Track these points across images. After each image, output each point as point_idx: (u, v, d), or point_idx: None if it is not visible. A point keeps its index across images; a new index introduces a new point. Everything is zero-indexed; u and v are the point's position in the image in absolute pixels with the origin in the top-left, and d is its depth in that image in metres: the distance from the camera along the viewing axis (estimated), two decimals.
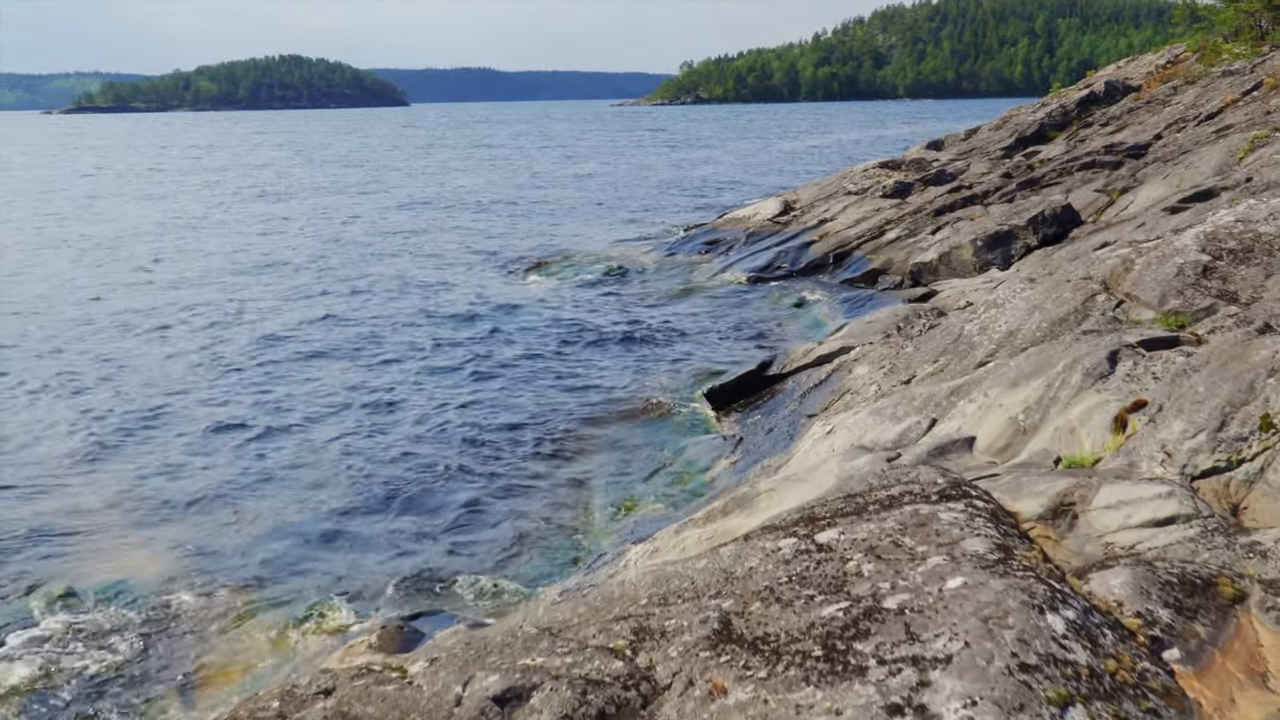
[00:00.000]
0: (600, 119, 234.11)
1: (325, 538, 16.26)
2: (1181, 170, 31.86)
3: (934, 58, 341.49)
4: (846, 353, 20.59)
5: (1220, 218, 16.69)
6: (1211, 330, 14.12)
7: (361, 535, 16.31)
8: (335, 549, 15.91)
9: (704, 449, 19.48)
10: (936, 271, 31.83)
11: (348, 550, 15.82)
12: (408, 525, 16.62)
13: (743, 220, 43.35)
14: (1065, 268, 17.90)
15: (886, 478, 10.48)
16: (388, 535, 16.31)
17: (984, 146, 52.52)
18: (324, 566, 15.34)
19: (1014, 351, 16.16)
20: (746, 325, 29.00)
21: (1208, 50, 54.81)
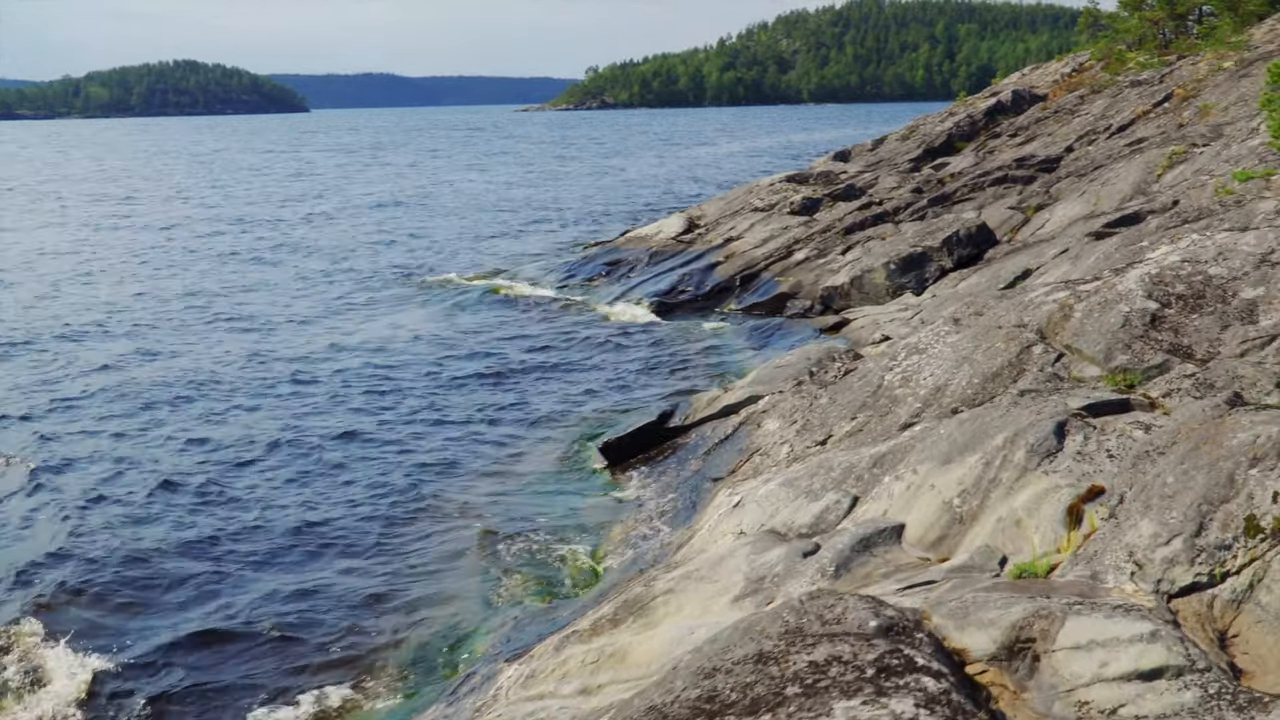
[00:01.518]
0: (504, 125, 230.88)
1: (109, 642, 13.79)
2: (1098, 187, 30.60)
3: (837, 63, 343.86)
4: (755, 402, 18.65)
5: (1164, 256, 15.04)
6: (1167, 393, 12.39)
7: (179, 628, 13.84)
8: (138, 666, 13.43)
9: (598, 514, 17.37)
10: (848, 296, 30.15)
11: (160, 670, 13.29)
12: (230, 621, 14.17)
13: (645, 239, 41.37)
14: (995, 310, 16.14)
15: (806, 615, 8.45)
16: (200, 638, 13.83)
17: (892, 158, 51.30)
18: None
19: (943, 412, 14.31)
20: (649, 360, 26.95)
21: (1113, 59, 54.24)
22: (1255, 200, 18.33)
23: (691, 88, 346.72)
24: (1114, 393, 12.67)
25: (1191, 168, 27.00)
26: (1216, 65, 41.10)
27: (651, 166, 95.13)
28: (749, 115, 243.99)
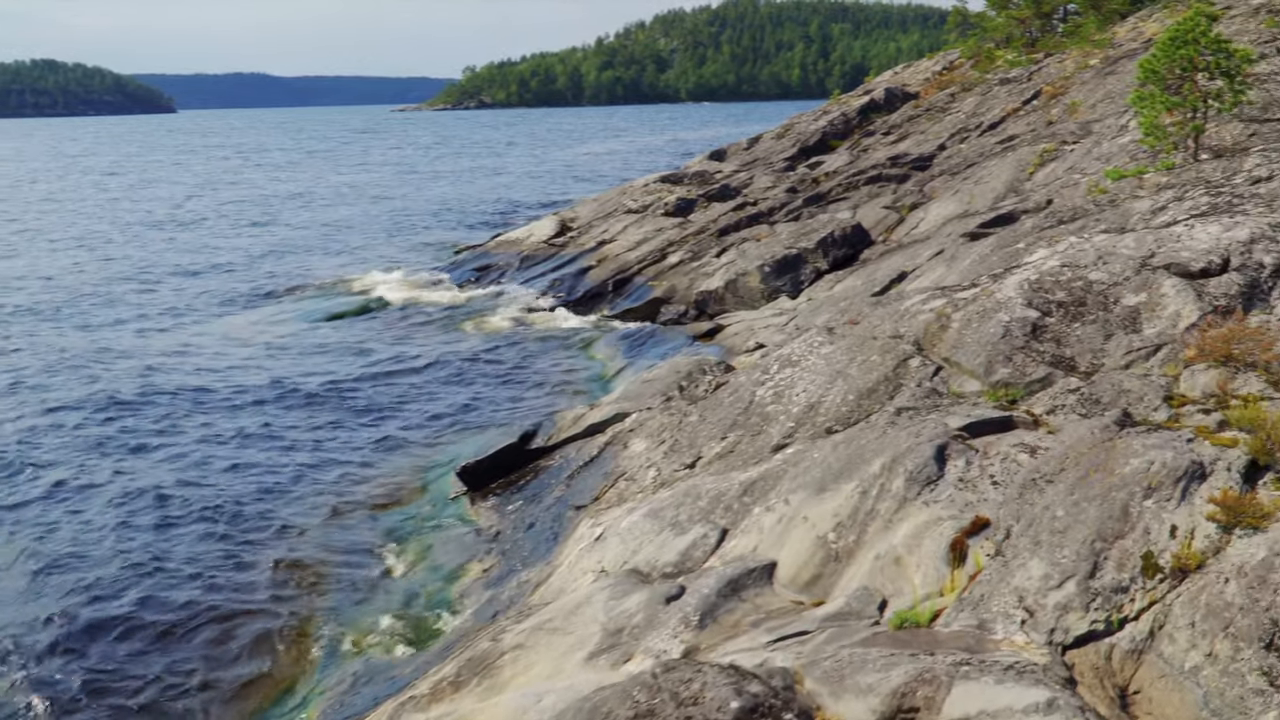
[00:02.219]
0: (379, 125, 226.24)
1: None
2: (971, 186, 30.23)
3: (714, 62, 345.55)
4: (622, 420, 17.51)
5: (1043, 261, 14.32)
6: (1051, 409, 11.58)
7: None
8: None
9: (454, 548, 16.03)
10: (723, 300, 29.25)
11: None
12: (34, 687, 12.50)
13: (517, 242, 40.00)
14: (871, 319, 15.27)
15: (660, 694, 7.34)
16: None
17: (767, 157, 50.73)
18: None
19: (816, 432, 13.35)
20: (516, 373, 25.65)
21: (982, 57, 54.56)
22: (1130, 200, 17.83)
23: (570, 87, 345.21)
24: (996, 409, 11.84)
25: (1063, 166, 26.71)
26: (1082, 63, 41.35)
27: (527, 167, 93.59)
28: (627, 114, 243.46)
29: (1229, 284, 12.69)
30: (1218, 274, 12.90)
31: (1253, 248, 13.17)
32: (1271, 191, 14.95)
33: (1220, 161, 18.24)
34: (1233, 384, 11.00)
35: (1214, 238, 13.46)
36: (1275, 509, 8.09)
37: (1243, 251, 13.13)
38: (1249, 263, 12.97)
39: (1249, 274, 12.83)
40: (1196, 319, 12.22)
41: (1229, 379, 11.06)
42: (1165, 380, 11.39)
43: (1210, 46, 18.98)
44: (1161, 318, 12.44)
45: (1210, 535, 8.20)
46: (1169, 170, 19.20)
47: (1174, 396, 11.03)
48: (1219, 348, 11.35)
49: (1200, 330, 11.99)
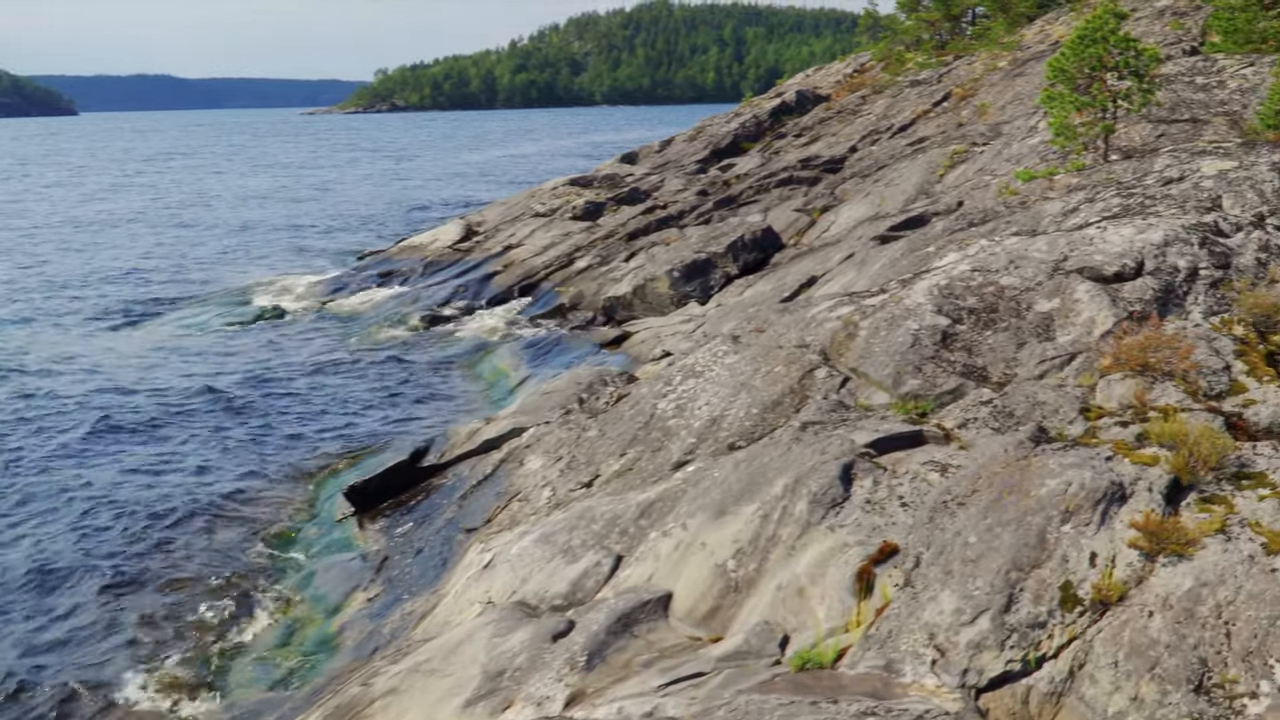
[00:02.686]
0: (288, 128, 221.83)
1: None
2: (882, 188, 29.83)
3: (629, 65, 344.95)
4: (518, 435, 16.60)
5: (953, 266, 13.72)
6: (963, 423, 10.94)
7: None
8: None
9: (338, 575, 15.00)
10: (631, 306, 28.46)
11: None
12: None
13: (421, 248, 38.84)
14: (777, 326, 14.56)
15: None
16: None
17: (679, 160, 50.09)
18: None
19: (719, 448, 12.58)
20: (415, 382, 24.61)
21: (892, 59, 54.56)
22: (1041, 201, 17.38)
23: (484, 90, 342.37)
24: (905, 423, 11.18)
25: (973, 167, 26.38)
26: (991, 65, 41.35)
27: (438, 170, 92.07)
28: (542, 117, 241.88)
29: (1144, 289, 12.18)
30: (1132, 278, 12.39)
31: (1167, 251, 12.69)
32: (1183, 193, 14.53)
33: (1130, 162, 17.88)
34: (1150, 394, 10.46)
35: (1127, 240, 12.96)
36: (1200, 534, 7.47)
37: (1157, 255, 12.64)
38: (1163, 266, 12.49)
39: (1164, 278, 12.34)
40: (1111, 326, 11.68)
41: (1146, 389, 10.52)
42: (1081, 391, 10.82)
43: (1119, 45, 18.63)
44: (1075, 324, 11.89)
45: (1132, 563, 7.57)
46: (1079, 171, 18.81)
47: (1090, 408, 10.45)
48: (1135, 356, 10.80)
49: (1116, 338, 11.44)
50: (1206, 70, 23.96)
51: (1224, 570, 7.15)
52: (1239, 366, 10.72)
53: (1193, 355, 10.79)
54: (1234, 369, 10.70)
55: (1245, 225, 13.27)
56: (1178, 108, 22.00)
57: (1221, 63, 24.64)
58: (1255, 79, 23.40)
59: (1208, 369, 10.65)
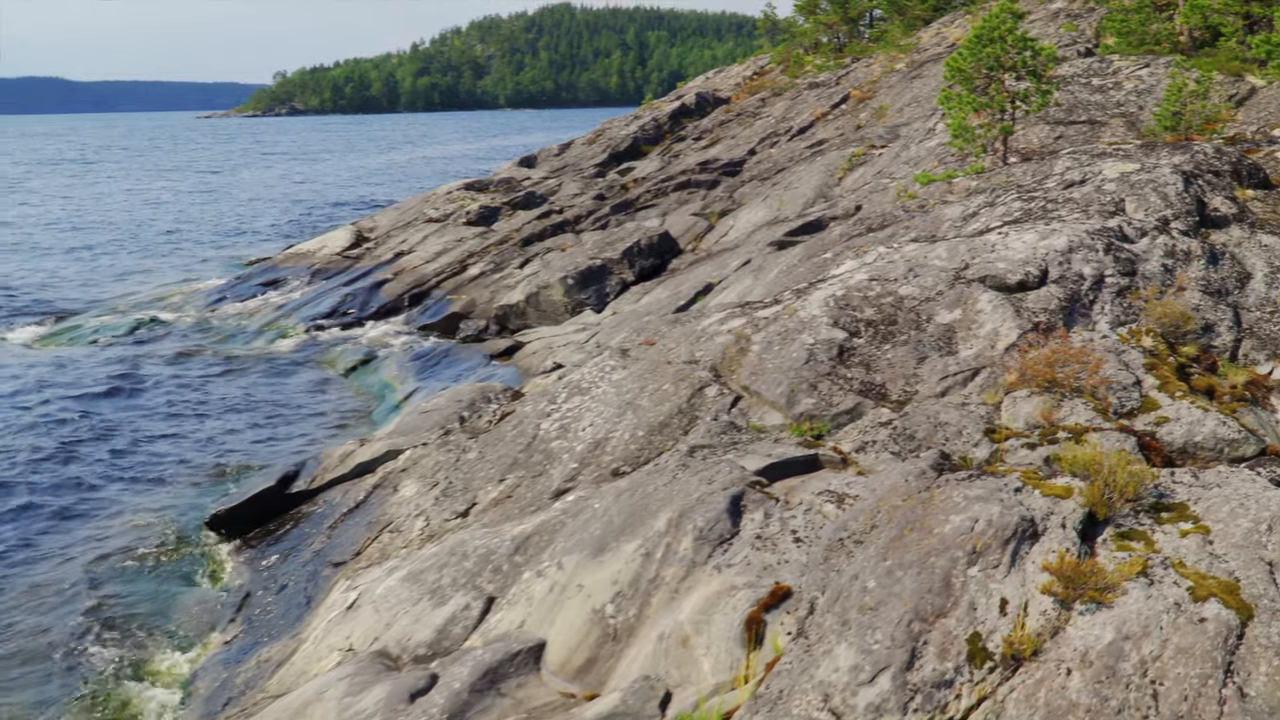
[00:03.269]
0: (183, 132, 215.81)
1: None
2: (781, 192, 29.20)
3: (532, 68, 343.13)
4: (395, 458, 15.49)
5: (850, 275, 12.96)
6: (861, 446, 10.15)
7: None
8: None
9: (195, 614, 13.76)
10: (525, 315, 27.41)
11: None
12: None
13: (308, 255, 37.29)
14: (666, 340, 13.68)
15: None
16: None
17: (577, 163, 49.11)
18: None
19: (602, 474, 11.64)
20: (295, 398, 23.27)
21: (791, 62, 54.30)
22: (939, 205, 16.76)
23: (386, 93, 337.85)
24: (800, 445, 10.35)
25: (872, 170, 25.87)
26: (889, 67, 41.13)
27: (335, 175, 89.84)
28: (444, 121, 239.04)
29: (1049, 298, 11.53)
30: (1036, 287, 11.73)
31: (1071, 257, 12.07)
32: (1086, 196, 13.97)
33: (1030, 164, 17.36)
34: (1058, 413, 9.77)
35: (1030, 247, 12.32)
36: (1120, 578, 6.71)
37: (1061, 262, 12.01)
38: (1068, 274, 11.86)
39: (1069, 286, 11.71)
40: (1016, 338, 10.99)
41: (1054, 407, 9.83)
42: (985, 410, 10.09)
43: (1017, 45, 18.13)
44: (979, 337, 11.18)
45: (1047, 612, 6.78)
46: (979, 174, 18.27)
47: (996, 429, 9.73)
48: (1041, 372, 10.11)
49: (1021, 351, 10.76)
50: (1102, 71, 23.71)
51: (1148, 620, 6.39)
52: (1150, 381, 10.09)
53: (1102, 370, 10.14)
54: (1145, 384, 10.07)
55: (1150, 230, 12.71)
56: (1075, 109, 21.66)
57: (1117, 64, 24.44)
58: (1151, 80, 23.20)
59: (1118, 384, 10.00)
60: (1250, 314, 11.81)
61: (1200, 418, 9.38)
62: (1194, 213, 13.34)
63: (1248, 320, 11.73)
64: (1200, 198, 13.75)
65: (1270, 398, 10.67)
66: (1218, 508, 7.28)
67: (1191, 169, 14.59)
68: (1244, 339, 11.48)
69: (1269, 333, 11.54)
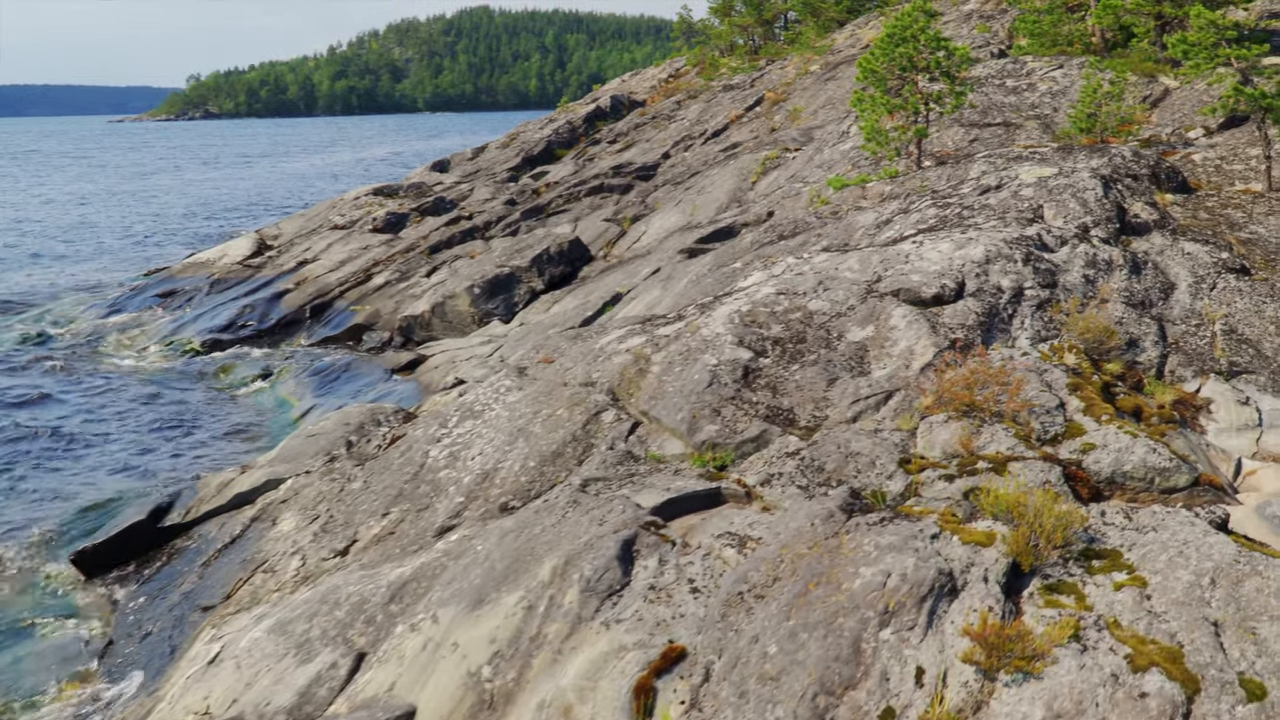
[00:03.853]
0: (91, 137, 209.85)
1: None
2: (694, 196, 28.43)
3: (451, 71, 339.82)
4: (276, 487, 14.38)
5: (757, 288, 12.15)
6: (767, 479, 9.31)
7: None
8: None
9: (51, 662, 12.53)
10: (430, 326, 26.30)
11: None
12: None
13: (208, 264, 35.72)
14: (566, 358, 12.76)
15: None
16: None
17: (490, 167, 47.98)
18: None
19: (489, 509, 10.68)
20: (185, 417, 21.94)
21: (706, 64, 53.68)
22: (853, 212, 16.06)
23: (302, 97, 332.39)
24: (701, 478, 9.50)
25: (785, 174, 25.19)
26: (803, 69, 40.62)
27: (245, 180, 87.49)
28: (362, 124, 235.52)
29: (965, 313, 10.80)
30: (952, 301, 11.01)
31: (989, 269, 11.37)
32: (1003, 202, 13.32)
33: (945, 169, 16.74)
34: (977, 440, 9.03)
35: (946, 257, 11.60)
36: (1049, 644, 5.93)
37: (978, 273, 11.30)
38: (986, 287, 11.15)
39: (986, 300, 11.00)
40: (932, 357, 10.24)
41: (973, 433, 9.09)
42: (900, 437, 9.32)
43: (930, 45, 17.51)
44: (893, 356, 10.42)
45: (968, 683, 5.98)
46: (893, 178, 17.61)
47: (911, 459, 8.95)
48: (959, 394, 9.37)
49: (937, 371, 10.01)
50: (1016, 73, 23.26)
51: (1082, 695, 5.61)
52: (1074, 403, 9.39)
53: (1023, 392, 9.42)
54: (1069, 406, 9.37)
55: (1070, 238, 12.07)
56: (990, 111, 21.14)
57: (1030, 65, 24.02)
58: (1065, 81, 22.80)
59: (1040, 408, 9.28)
60: (1175, 327, 11.21)
61: (1129, 444, 8.68)
62: (1114, 219, 12.75)
63: (1173, 334, 11.12)
64: (1120, 203, 13.17)
65: (1199, 418, 10.05)
66: (1155, 556, 6.54)
67: (1110, 173, 14.03)
68: (1170, 354, 10.86)
69: (1195, 347, 10.93)
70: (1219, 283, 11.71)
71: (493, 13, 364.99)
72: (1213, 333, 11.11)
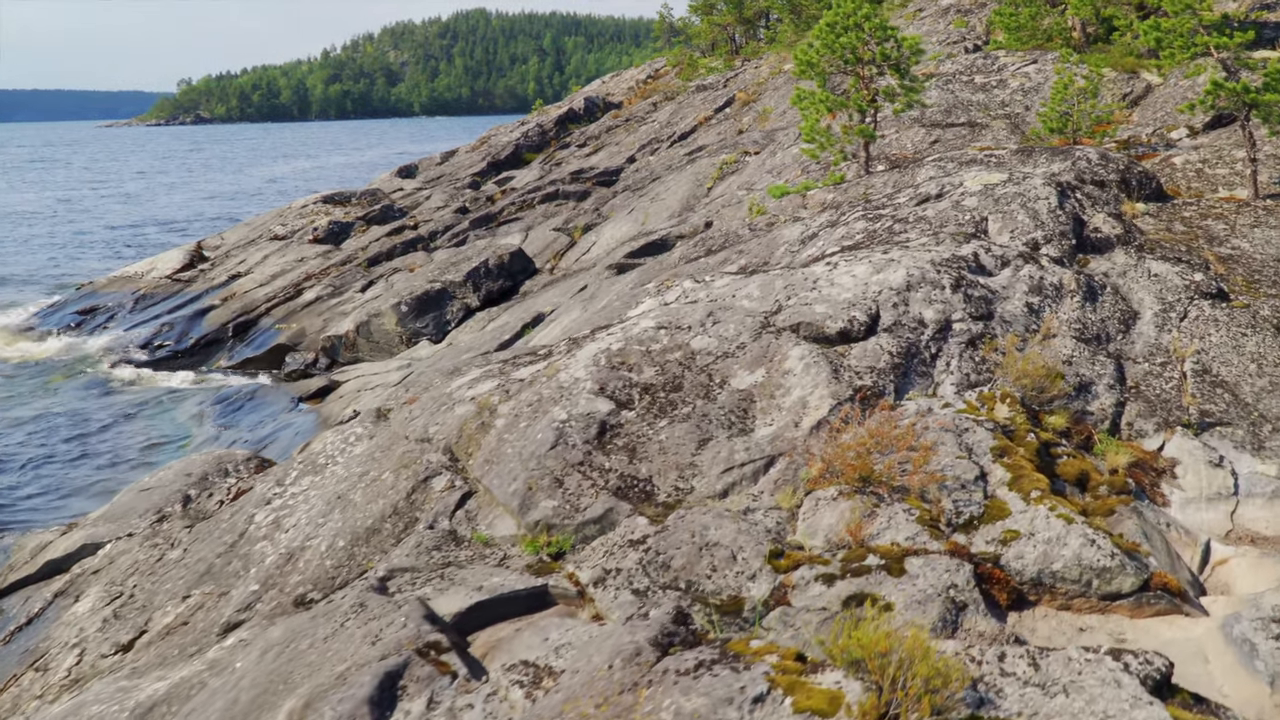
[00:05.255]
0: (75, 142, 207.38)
1: None
2: (648, 204, 26.35)
3: (447, 75, 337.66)
4: (94, 553, 12.31)
5: (637, 322, 10.08)
6: (602, 576, 7.26)
7: None
8: None
9: None
10: (355, 346, 24.25)
11: None
12: None
13: (135, 278, 33.64)
14: (425, 400, 10.71)
15: None
16: None
17: (455, 172, 45.91)
18: None
19: (281, 604, 8.60)
20: (74, 450, 19.96)
21: (686, 64, 51.65)
22: (785, 224, 14.01)
23: (296, 101, 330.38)
24: (527, 571, 7.45)
25: (740, 179, 23.13)
26: (777, 68, 38.56)
27: (218, 185, 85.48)
28: (355, 129, 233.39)
29: (877, 353, 8.74)
30: (863, 337, 8.95)
31: (910, 296, 9.30)
32: (941, 214, 11.26)
33: (893, 174, 14.69)
34: (871, 525, 6.97)
35: (860, 283, 9.54)
36: None
37: (896, 303, 9.24)
38: (905, 319, 9.09)
39: (904, 336, 8.93)
40: (828, 411, 8.19)
41: (866, 516, 7.04)
42: (776, 519, 7.27)
43: (876, 34, 15.44)
44: (782, 409, 8.36)
45: None
46: (836, 185, 15.58)
47: (784, 551, 6.89)
48: (853, 464, 7.32)
49: (833, 430, 7.95)
50: (987, 68, 21.21)
51: None
52: (999, 474, 7.34)
53: (934, 459, 7.37)
54: (992, 478, 7.31)
55: (1014, 258, 10.00)
56: (954, 110, 19.10)
57: (1003, 60, 21.97)
58: (1039, 77, 20.76)
59: (954, 481, 7.23)
60: (1137, 366, 9.15)
61: (1061, 533, 6.63)
62: (1070, 234, 10.68)
63: (1133, 375, 9.06)
64: (1078, 215, 11.10)
65: (1161, 485, 8.01)
66: None
67: (1071, 179, 11.97)
68: (1129, 401, 8.80)
69: (1159, 392, 8.87)
70: (1191, 310, 9.64)
71: (489, 15, 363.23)
72: (1181, 373, 9.05)
